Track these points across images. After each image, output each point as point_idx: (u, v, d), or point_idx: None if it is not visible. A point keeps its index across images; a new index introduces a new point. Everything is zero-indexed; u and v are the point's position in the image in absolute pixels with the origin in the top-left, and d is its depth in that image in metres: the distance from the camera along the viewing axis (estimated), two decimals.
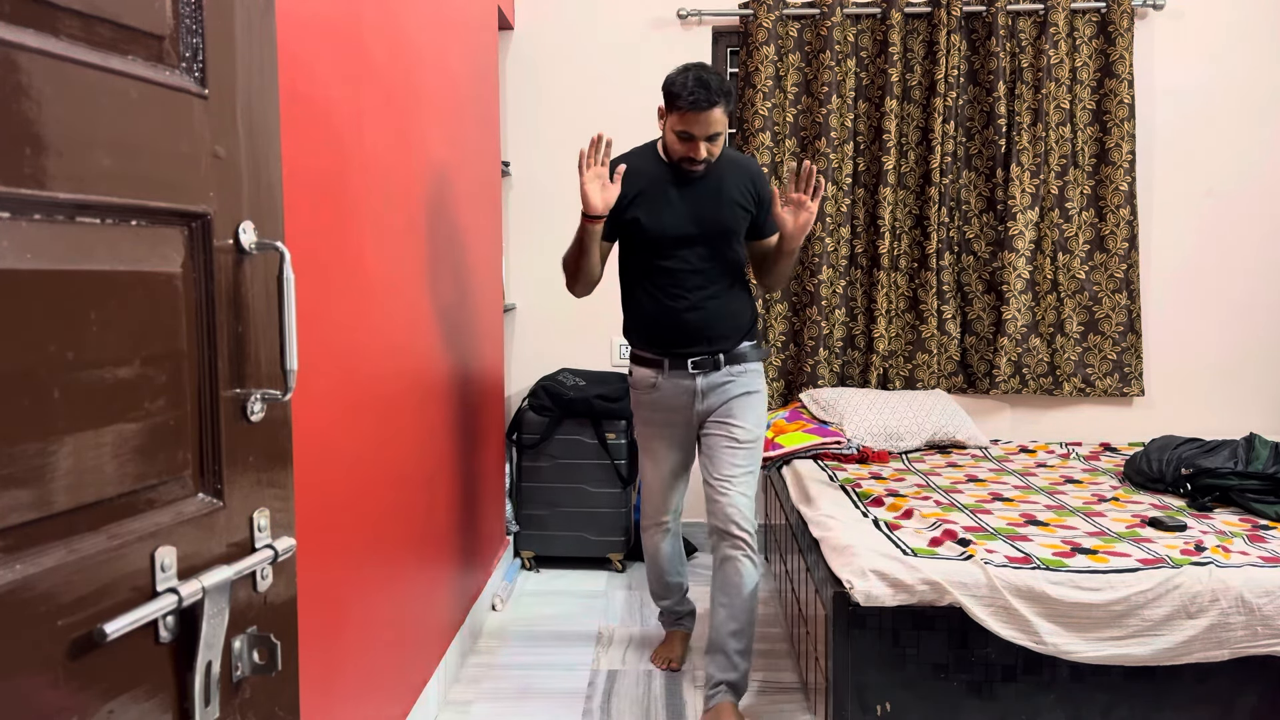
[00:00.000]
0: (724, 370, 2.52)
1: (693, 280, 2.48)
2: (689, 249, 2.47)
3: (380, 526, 2.10)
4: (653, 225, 2.47)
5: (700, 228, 2.46)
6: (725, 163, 2.50)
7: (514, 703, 2.63)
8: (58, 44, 0.73)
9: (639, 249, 2.53)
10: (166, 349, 0.84)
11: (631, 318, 2.61)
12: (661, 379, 2.54)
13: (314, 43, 1.70)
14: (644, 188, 2.47)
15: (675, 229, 2.46)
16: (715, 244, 2.48)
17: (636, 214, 2.47)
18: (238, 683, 0.94)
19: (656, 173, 2.48)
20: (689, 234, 2.46)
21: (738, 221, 2.50)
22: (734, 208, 2.49)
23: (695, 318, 2.49)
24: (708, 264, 2.49)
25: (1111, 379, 3.77)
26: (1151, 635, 2.11)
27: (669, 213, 2.46)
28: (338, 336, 1.82)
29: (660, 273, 2.50)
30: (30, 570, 0.71)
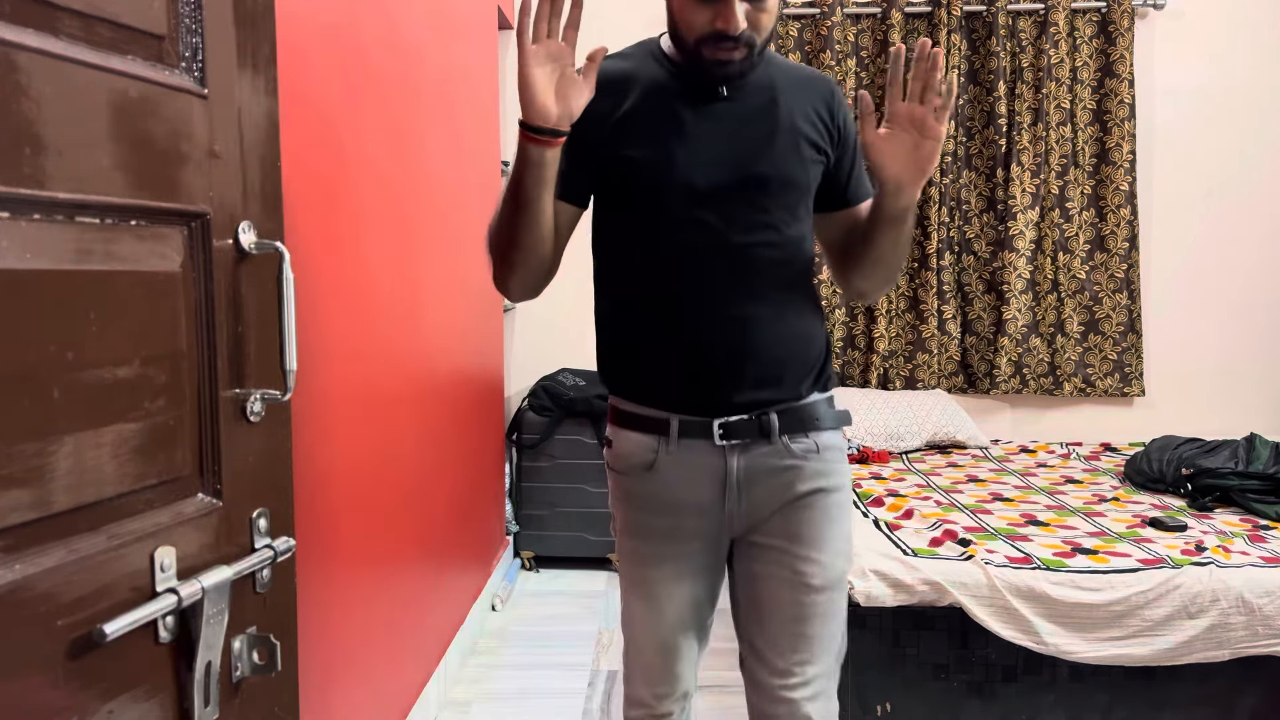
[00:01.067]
0: (778, 443, 1.44)
1: (723, 274, 1.41)
2: (717, 215, 1.40)
3: (380, 526, 2.10)
4: (654, 170, 1.40)
5: (738, 176, 1.40)
6: (781, 72, 1.48)
7: (514, 703, 2.63)
8: (57, 44, 0.72)
9: (628, 217, 1.45)
10: (166, 349, 0.84)
11: (612, 343, 1.51)
12: (664, 454, 1.45)
13: (314, 43, 1.70)
14: (639, 105, 1.41)
15: (694, 177, 1.39)
16: (763, 208, 1.41)
17: (628, 150, 1.41)
18: (237, 683, 0.94)
19: (659, 83, 1.43)
20: (718, 187, 1.40)
21: (803, 169, 1.44)
22: (796, 144, 1.43)
23: (727, 342, 1.41)
24: (755, 244, 1.42)
25: (1112, 379, 3.77)
26: (1152, 635, 2.11)
27: (683, 149, 1.40)
28: (338, 336, 1.82)
29: (665, 261, 1.42)
30: (30, 570, 0.70)
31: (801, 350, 1.47)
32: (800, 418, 1.46)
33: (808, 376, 1.48)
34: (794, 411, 1.46)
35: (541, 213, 1.34)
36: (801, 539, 1.45)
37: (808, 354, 1.47)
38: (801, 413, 1.47)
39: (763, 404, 1.44)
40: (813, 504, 1.46)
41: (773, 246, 1.43)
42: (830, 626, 1.47)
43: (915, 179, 1.35)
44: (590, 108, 1.31)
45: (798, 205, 1.46)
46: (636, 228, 1.45)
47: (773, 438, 1.44)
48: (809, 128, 1.46)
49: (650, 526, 1.51)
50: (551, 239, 1.40)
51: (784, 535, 1.46)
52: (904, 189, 1.35)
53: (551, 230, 1.39)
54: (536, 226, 1.35)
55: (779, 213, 1.43)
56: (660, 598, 1.51)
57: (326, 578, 1.76)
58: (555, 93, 1.27)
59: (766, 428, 1.44)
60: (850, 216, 1.53)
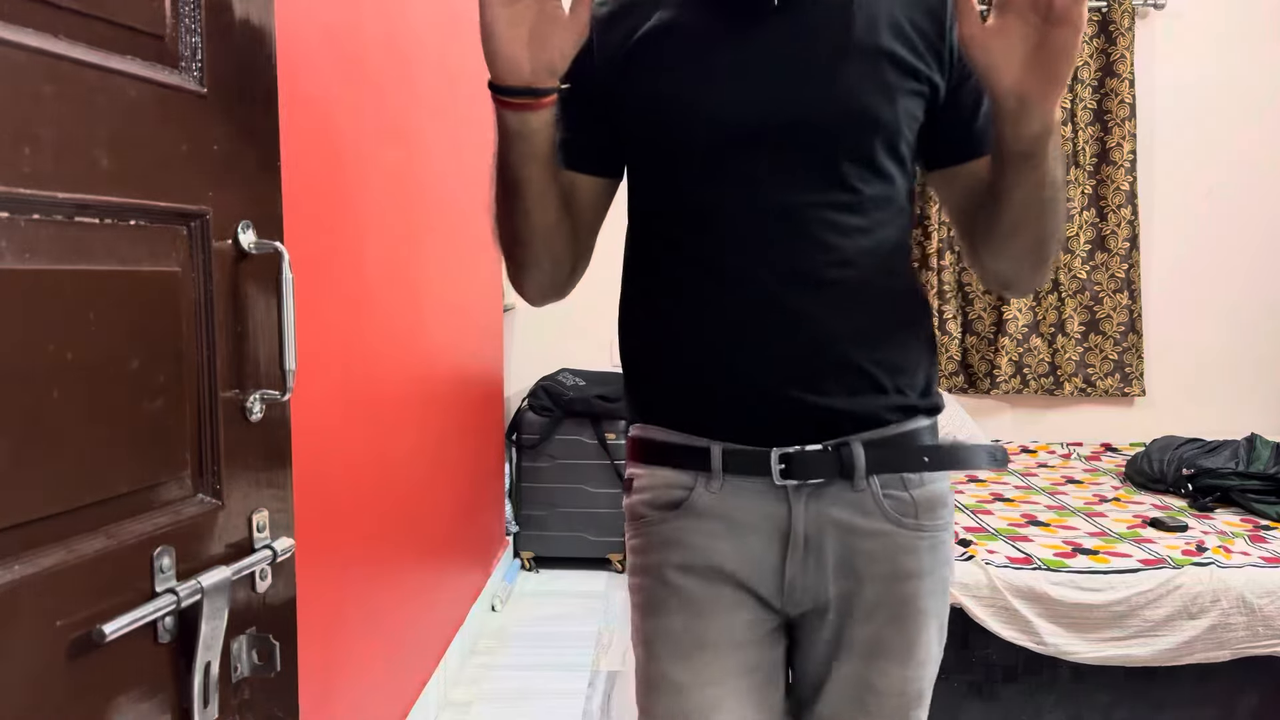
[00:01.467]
0: (865, 488, 1.07)
1: (775, 248, 1.05)
2: (765, 166, 1.05)
3: (379, 527, 2.09)
4: (674, 108, 1.07)
5: (792, 114, 1.04)
6: None
7: (513, 703, 2.63)
8: (56, 43, 0.72)
9: (650, 179, 1.13)
10: (165, 349, 0.84)
11: (635, 348, 1.18)
12: (702, 494, 1.08)
13: (314, 42, 1.70)
14: (657, 27, 1.09)
15: (727, 115, 1.05)
16: (829, 158, 1.05)
17: (640, 86, 1.09)
18: (237, 683, 0.94)
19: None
20: (764, 128, 1.05)
21: (889, 104, 1.05)
22: (879, 68, 1.05)
23: (783, 339, 1.05)
24: (819, 205, 1.05)
25: (1112, 379, 3.77)
26: (1152, 636, 2.11)
27: (714, 78, 1.06)
28: (337, 336, 1.82)
29: (694, 229, 1.09)
30: (29, 570, 0.70)
31: (894, 355, 1.07)
32: (898, 453, 1.06)
33: (904, 392, 1.08)
34: (889, 444, 1.06)
35: (539, 196, 1.05)
36: (884, 647, 1.07)
37: (903, 360, 1.08)
38: (900, 445, 1.06)
39: (841, 428, 1.05)
40: (906, 595, 1.06)
41: (844, 210, 1.04)
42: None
43: (1044, 88, 0.91)
44: (596, 42, 1.03)
45: (883, 154, 1.05)
46: (659, 190, 1.11)
47: (856, 479, 1.04)
48: (900, 45, 1.05)
49: (676, 600, 1.07)
50: (565, 225, 1.09)
51: (861, 637, 1.07)
52: (1030, 105, 0.92)
53: (560, 215, 1.08)
54: (538, 213, 1.06)
55: (851, 164, 1.04)
56: (692, 693, 1.06)
57: (326, 578, 1.76)
58: (530, 38, 0.96)
59: (848, 464, 1.04)
60: (978, 173, 1.09)
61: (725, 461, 1.07)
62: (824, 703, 1.11)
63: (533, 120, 1.01)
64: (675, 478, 1.10)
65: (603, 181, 1.15)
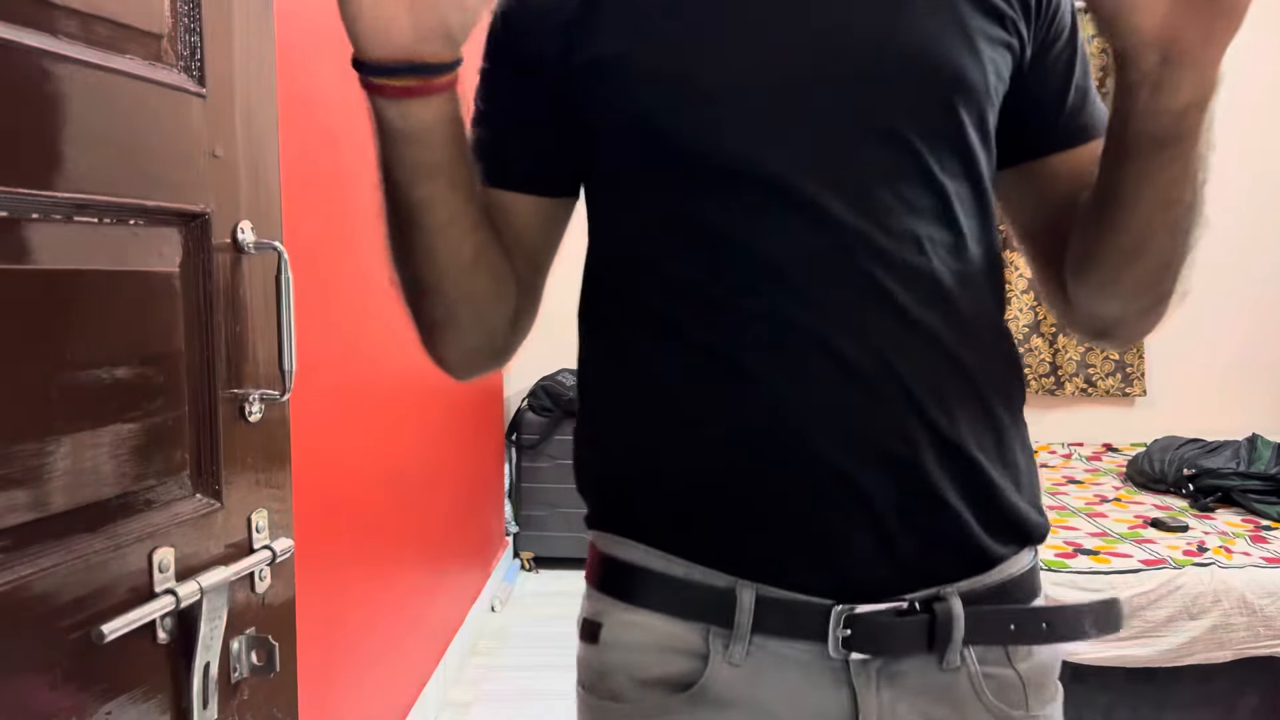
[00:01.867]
0: (961, 663, 0.70)
1: (823, 276, 0.67)
2: (795, 154, 0.67)
3: (379, 527, 2.09)
4: (656, 74, 0.69)
5: (839, 70, 0.67)
6: None
7: (513, 704, 2.63)
8: (55, 43, 0.72)
9: (620, 189, 0.77)
10: (164, 349, 0.84)
11: (603, 430, 0.88)
12: (720, 668, 0.69)
13: (314, 42, 1.70)
14: None
15: (741, 80, 0.67)
16: (901, 138, 0.67)
17: (600, 48, 0.72)
18: (236, 684, 0.93)
19: None
20: (796, 91, 0.67)
21: (975, 59, 0.69)
22: (956, 10, 0.69)
23: (844, 415, 0.67)
24: (873, 216, 0.66)
25: (1114, 379, 3.77)
26: (1153, 636, 2.11)
27: (714, 29, 0.69)
28: (336, 336, 1.81)
29: (701, 259, 0.70)
30: (28, 571, 0.70)
31: (996, 441, 0.72)
32: (1005, 612, 0.72)
33: (1007, 515, 0.72)
34: (994, 595, 0.71)
35: (444, 226, 0.70)
36: None
37: (1008, 450, 0.73)
38: (1008, 596, 0.73)
39: (931, 575, 0.69)
40: None
41: (928, 219, 0.69)
42: None
43: (1208, 32, 0.67)
44: (526, 4, 0.73)
45: (972, 132, 0.70)
46: (639, 204, 0.74)
47: (950, 653, 0.69)
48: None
49: None
50: (490, 265, 0.74)
51: None
52: (1181, 61, 0.67)
53: (481, 251, 0.73)
54: (445, 251, 0.71)
55: (936, 144, 0.69)
56: None
57: (326, 578, 1.76)
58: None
59: (944, 629, 0.68)
60: (1070, 170, 0.76)
61: (758, 615, 0.68)
62: None
63: (423, 113, 0.68)
64: (676, 636, 0.71)
65: (545, 203, 0.79)
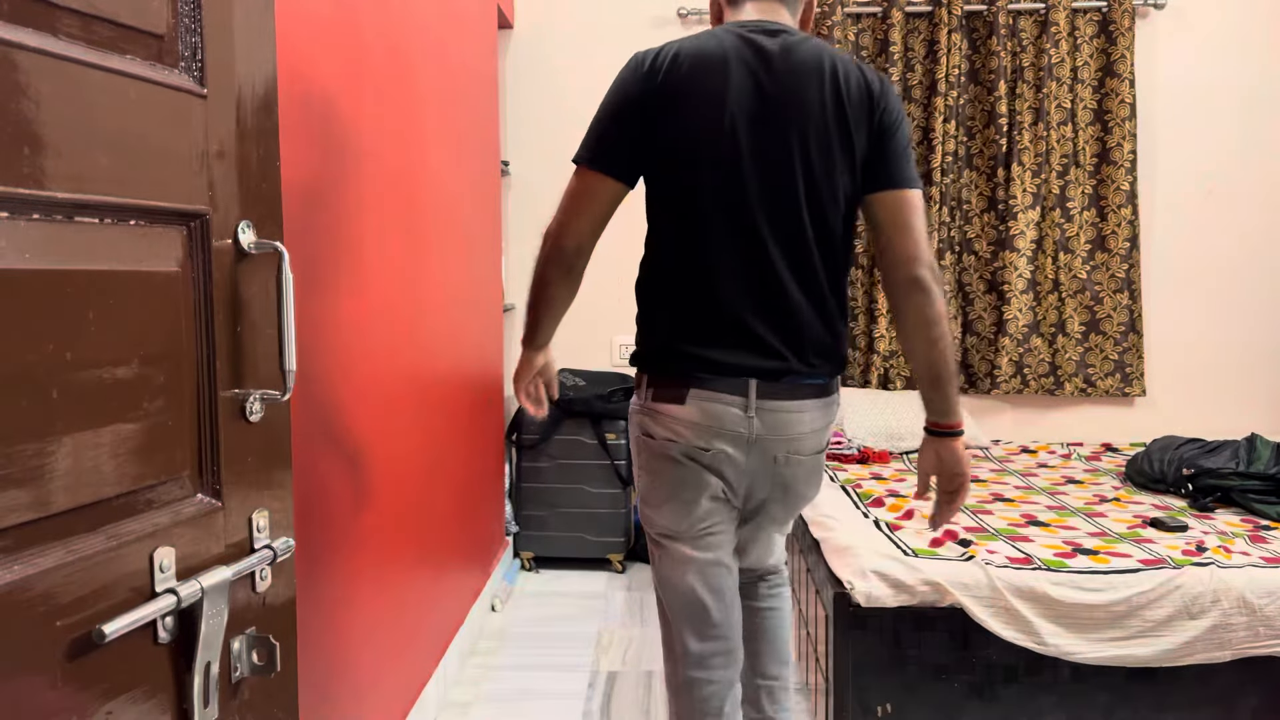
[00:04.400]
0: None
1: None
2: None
3: (379, 527, 2.09)
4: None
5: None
6: None
7: (513, 704, 2.63)
8: (57, 43, 0.72)
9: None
10: (165, 349, 0.84)
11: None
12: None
13: (313, 42, 1.70)
14: None
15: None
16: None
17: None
18: (237, 683, 0.93)
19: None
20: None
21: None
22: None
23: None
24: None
25: (1113, 379, 3.77)
26: (1153, 636, 2.11)
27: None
28: (337, 336, 1.81)
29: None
30: (29, 571, 0.70)
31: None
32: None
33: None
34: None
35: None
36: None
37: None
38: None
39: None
40: None
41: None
42: None
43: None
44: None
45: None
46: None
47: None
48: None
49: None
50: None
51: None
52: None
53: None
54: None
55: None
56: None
57: (326, 578, 1.76)
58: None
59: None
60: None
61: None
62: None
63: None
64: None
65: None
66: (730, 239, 1.55)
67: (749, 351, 1.55)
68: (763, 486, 1.65)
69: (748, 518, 1.73)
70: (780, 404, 1.57)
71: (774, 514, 1.73)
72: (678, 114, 1.54)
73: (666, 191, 1.59)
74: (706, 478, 1.60)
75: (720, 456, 1.58)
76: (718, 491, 1.62)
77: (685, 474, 1.60)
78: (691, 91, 1.53)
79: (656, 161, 1.58)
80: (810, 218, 1.56)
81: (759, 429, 1.57)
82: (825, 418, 1.65)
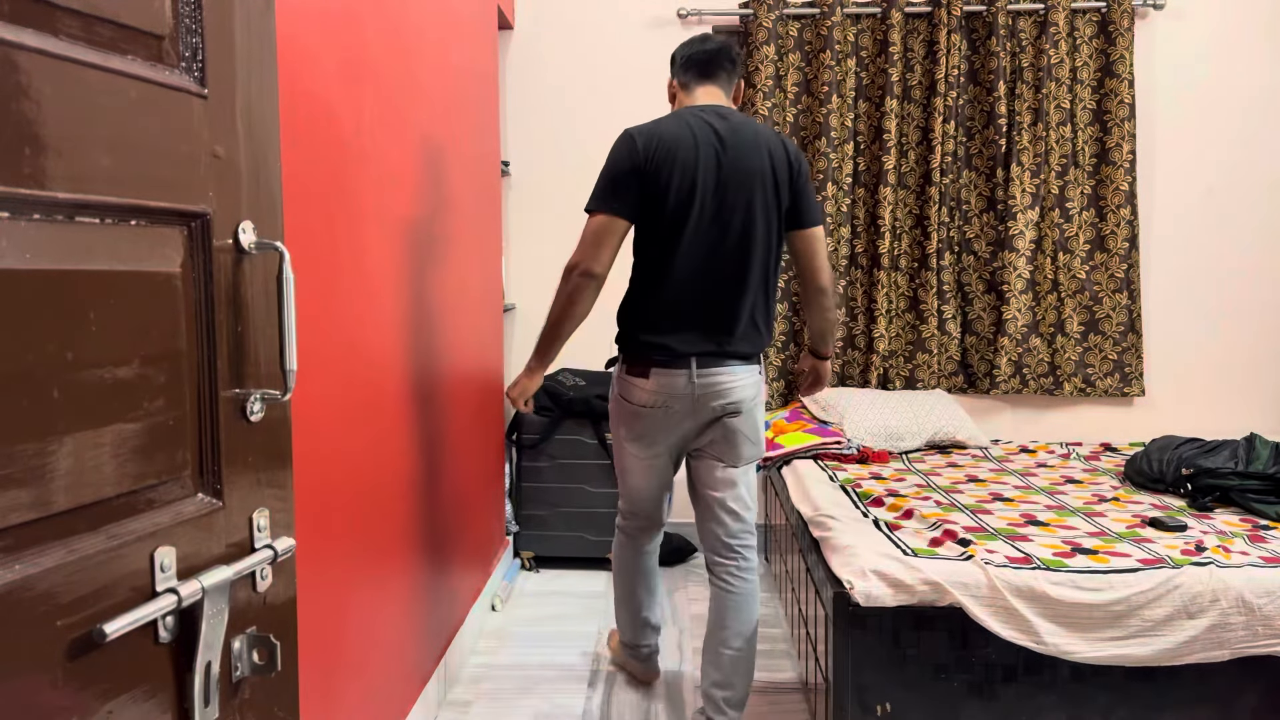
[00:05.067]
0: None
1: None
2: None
3: (380, 526, 2.09)
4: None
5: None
6: None
7: (514, 703, 2.63)
8: (57, 43, 0.72)
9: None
10: (166, 349, 0.84)
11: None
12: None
13: (314, 42, 1.70)
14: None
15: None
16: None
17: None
18: (237, 683, 0.94)
19: None
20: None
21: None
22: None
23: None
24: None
25: (1112, 379, 3.77)
26: (1152, 635, 2.11)
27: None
28: (337, 336, 1.82)
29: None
30: (29, 570, 0.70)
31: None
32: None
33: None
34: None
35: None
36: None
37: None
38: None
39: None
40: None
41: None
42: None
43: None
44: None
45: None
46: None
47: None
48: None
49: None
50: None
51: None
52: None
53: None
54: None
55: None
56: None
57: (326, 578, 1.76)
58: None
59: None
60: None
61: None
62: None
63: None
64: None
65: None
66: (694, 264, 2.23)
67: (693, 341, 2.24)
68: (704, 428, 2.31)
69: (696, 453, 2.38)
70: (711, 371, 2.26)
71: (718, 450, 2.33)
72: (660, 180, 2.19)
73: (653, 232, 2.24)
74: (658, 424, 2.33)
75: (669, 410, 2.30)
76: (665, 435, 2.34)
77: (645, 422, 2.34)
78: (672, 164, 2.18)
79: (647, 211, 2.21)
80: (753, 251, 2.24)
81: (698, 390, 2.26)
82: (747, 376, 2.29)
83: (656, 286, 2.25)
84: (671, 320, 2.25)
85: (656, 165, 2.18)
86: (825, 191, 3.72)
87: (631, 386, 2.31)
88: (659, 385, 2.26)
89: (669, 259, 2.23)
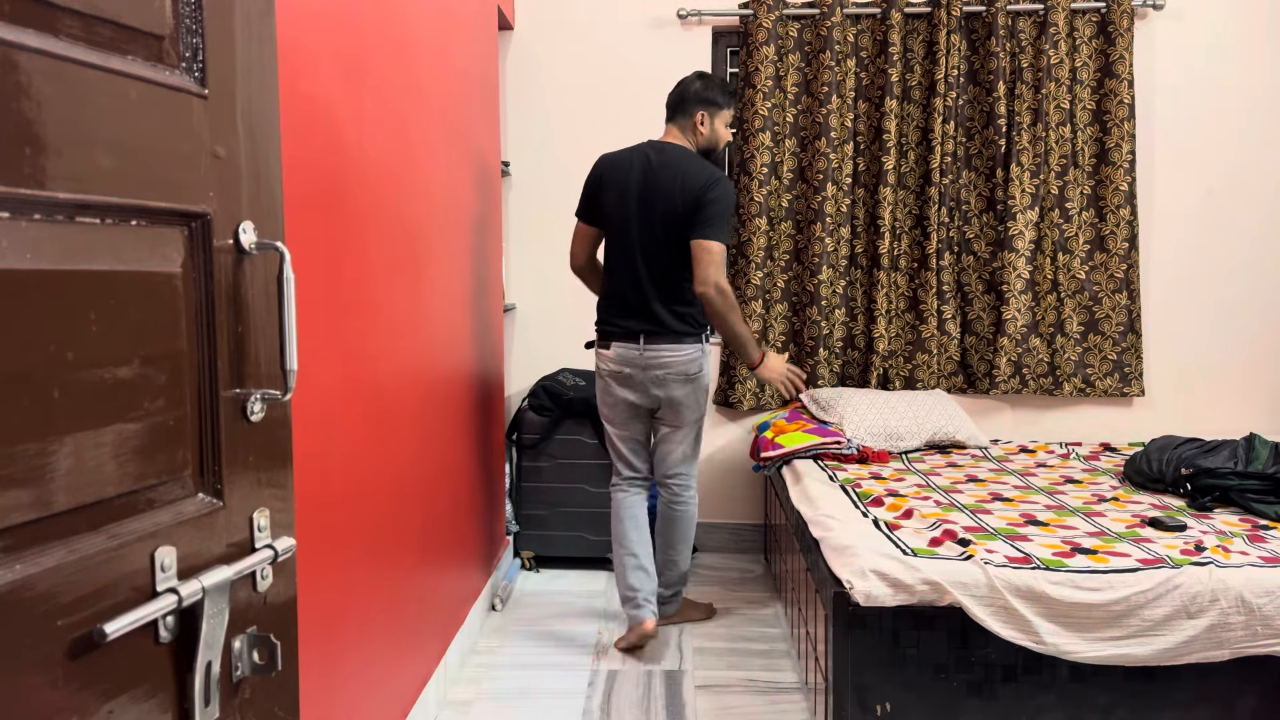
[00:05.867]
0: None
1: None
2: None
3: (380, 526, 2.10)
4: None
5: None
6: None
7: (514, 703, 2.63)
8: (58, 44, 0.73)
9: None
10: (166, 349, 0.84)
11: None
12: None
13: (314, 42, 1.70)
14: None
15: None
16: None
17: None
18: (237, 683, 0.94)
19: None
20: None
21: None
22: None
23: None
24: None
25: (1111, 379, 3.77)
26: (1151, 635, 2.11)
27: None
28: (337, 336, 1.82)
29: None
30: (30, 570, 0.70)
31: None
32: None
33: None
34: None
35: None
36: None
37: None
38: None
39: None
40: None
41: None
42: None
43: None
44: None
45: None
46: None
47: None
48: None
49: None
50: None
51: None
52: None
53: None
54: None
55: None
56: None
57: (326, 578, 1.76)
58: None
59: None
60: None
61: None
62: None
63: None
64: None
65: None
66: (628, 261, 2.89)
67: (637, 322, 2.89)
68: (655, 396, 2.94)
69: (655, 421, 3.04)
70: (654, 347, 2.88)
71: (665, 415, 2.99)
72: (604, 193, 2.92)
73: (607, 237, 2.97)
74: (620, 389, 2.96)
75: (626, 375, 2.93)
76: (627, 396, 2.96)
77: (610, 386, 2.98)
78: (614, 181, 2.90)
79: (599, 219, 2.97)
80: (664, 252, 2.86)
81: (648, 360, 2.89)
82: (680, 354, 2.89)
83: (609, 281, 2.95)
84: (620, 308, 2.92)
85: (604, 183, 2.91)
86: (825, 191, 3.73)
87: (600, 358, 2.98)
88: (618, 355, 2.91)
89: (612, 259, 2.93)
